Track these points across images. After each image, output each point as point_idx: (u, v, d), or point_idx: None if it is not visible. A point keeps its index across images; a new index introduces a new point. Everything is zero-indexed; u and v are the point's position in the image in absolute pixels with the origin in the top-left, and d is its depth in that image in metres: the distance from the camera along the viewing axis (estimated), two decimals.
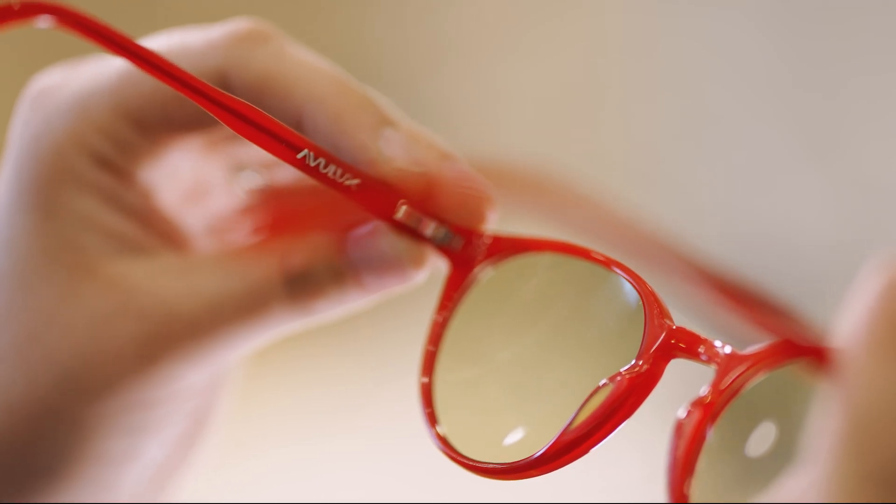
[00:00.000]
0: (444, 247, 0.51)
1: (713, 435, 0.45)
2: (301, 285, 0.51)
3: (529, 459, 0.48)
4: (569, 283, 0.51)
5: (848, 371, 0.40)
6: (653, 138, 1.51)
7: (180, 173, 0.54)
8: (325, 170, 0.49)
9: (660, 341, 0.48)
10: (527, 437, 0.49)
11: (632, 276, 0.49)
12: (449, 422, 0.50)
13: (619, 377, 0.47)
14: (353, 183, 0.50)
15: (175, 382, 0.52)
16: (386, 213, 0.50)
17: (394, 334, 1.30)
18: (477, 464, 0.49)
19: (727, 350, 0.46)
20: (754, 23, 1.47)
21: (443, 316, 0.51)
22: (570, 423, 0.48)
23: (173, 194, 0.54)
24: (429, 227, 0.51)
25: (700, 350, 0.47)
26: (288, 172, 0.54)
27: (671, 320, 0.48)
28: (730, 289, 0.46)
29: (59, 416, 0.51)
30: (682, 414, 0.45)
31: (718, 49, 1.48)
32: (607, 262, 0.49)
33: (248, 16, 0.53)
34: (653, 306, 0.48)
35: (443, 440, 0.49)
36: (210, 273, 0.51)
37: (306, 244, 0.52)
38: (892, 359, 0.39)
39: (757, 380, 0.45)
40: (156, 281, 0.51)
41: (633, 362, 0.48)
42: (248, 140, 0.49)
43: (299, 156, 0.49)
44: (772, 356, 0.45)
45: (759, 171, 1.46)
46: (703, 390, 0.45)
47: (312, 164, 0.49)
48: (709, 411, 0.45)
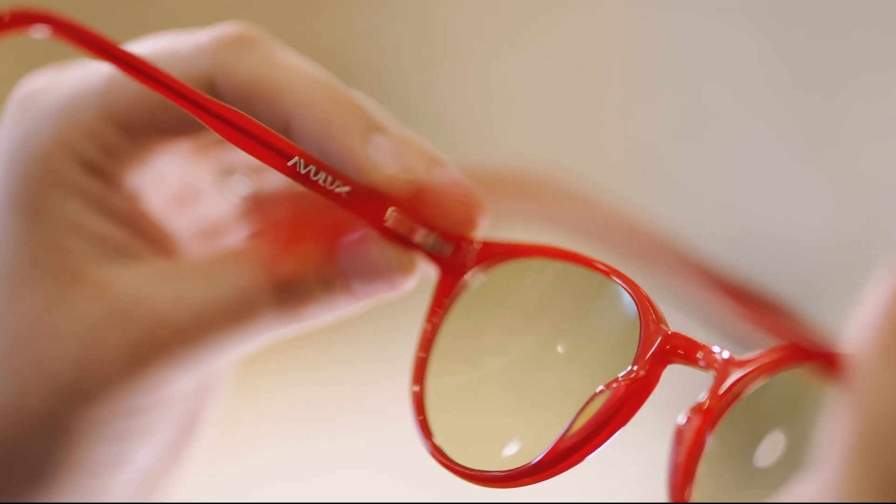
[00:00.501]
0: (433, 253, 0.50)
1: (722, 441, 0.45)
2: (290, 292, 0.51)
3: (525, 467, 0.48)
4: (561, 289, 0.50)
5: (858, 376, 0.39)
6: (651, 138, 1.51)
7: (168, 178, 0.54)
8: (315, 177, 0.49)
9: (656, 347, 0.47)
10: (522, 444, 0.49)
11: (626, 280, 0.49)
12: (442, 429, 0.50)
13: (616, 384, 0.47)
14: (343, 190, 0.50)
15: (163, 389, 0.52)
16: (375, 219, 0.50)
17: (388, 335, 1.29)
18: (472, 472, 0.49)
19: (725, 355, 0.46)
20: (753, 22, 1.47)
21: (433, 323, 0.50)
22: (566, 431, 0.47)
23: (161, 199, 0.54)
24: (418, 233, 0.50)
25: (698, 356, 0.47)
26: (277, 177, 0.53)
27: (667, 325, 0.48)
28: (733, 290, 0.46)
29: (46, 423, 0.51)
30: (681, 420, 0.45)
31: (718, 48, 1.48)
32: (600, 267, 0.49)
33: (238, 17, 0.53)
34: (647, 311, 0.48)
35: (436, 448, 0.49)
36: (198, 279, 0.51)
37: (295, 250, 0.51)
38: None
39: (756, 385, 0.45)
40: (144, 287, 0.51)
41: (630, 368, 0.47)
42: (239, 148, 0.49)
43: (290, 163, 0.49)
44: (771, 361, 0.45)
45: (758, 171, 1.46)
46: (701, 396, 0.45)
47: (303, 171, 0.49)
48: (708, 417, 0.45)
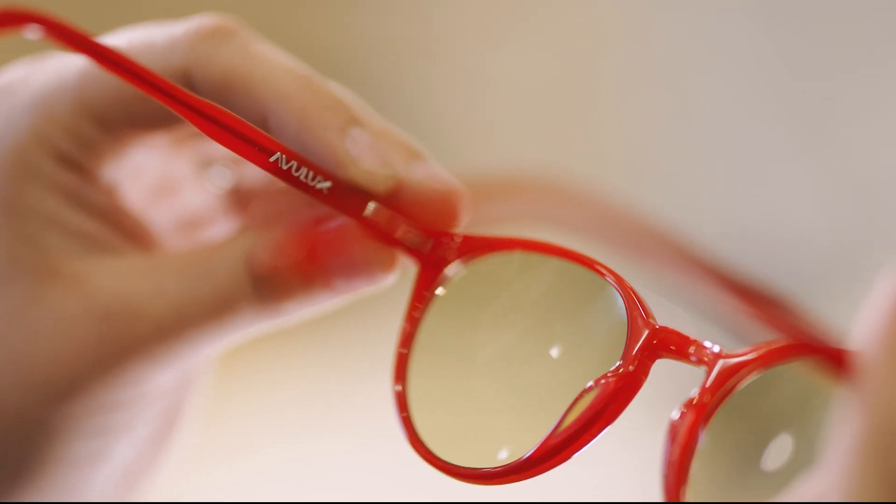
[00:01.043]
0: (413, 248, 0.50)
1: (726, 440, 0.45)
2: (269, 286, 0.51)
3: (515, 464, 0.48)
4: (545, 283, 0.50)
5: (865, 377, 0.39)
6: (646, 134, 1.51)
7: (146, 170, 0.54)
8: (296, 173, 0.49)
9: (643, 341, 0.47)
10: (510, 441, 0.49)
11: (612, 275, 0.48)
12: (427, 427, 0.49)
13: (605, 380, 0.47)
14: (324, 186, 0.49)
15: (142, 384, 0.51)
16: (355, 214, 0.50)
17: (378, 333, 1.29)
18: (460, 469, 0.48)
19: (716, 349, 0.46)
20: (749, 18, 1.47)
21: (413, 318, 0.50)
22: (556, 427, 0.47)
23: (139, 192, 0.54)
24: (398, 228, 0.50)
25: (690, 350, 0.46)
26: (258, 169, 0.53)
27: (654, 319, 0.47)
28: (732, 284, 0.46)
29: (23, 419, 0.50)
30: (675, 415, 0.45)
31: (713, 45, 1.48)
32: (585, 261, 0.49)
33: (227, 10, 0.52)
34: (634, 305, 0.48)
35: (421, 446, 0.49)
36: (176, 273, 0.51)
37: (274, 244, 0.51)
38: None
39: (750, 379, 0.45)
40: (121, 281, 0.51)
41: (618, 364, 0.47)
42: (222, 144, 0.49)
43: (272, 159, 0.49)
44: (764, 356, 0.45)
45: (753, 166, 1.46)
46: (694, 391, 0.45)
47: (284, 167, 0.49)
48: (700, 413, 0.44)
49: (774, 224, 1.44)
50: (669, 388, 0.49)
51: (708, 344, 0.46)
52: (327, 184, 0.49)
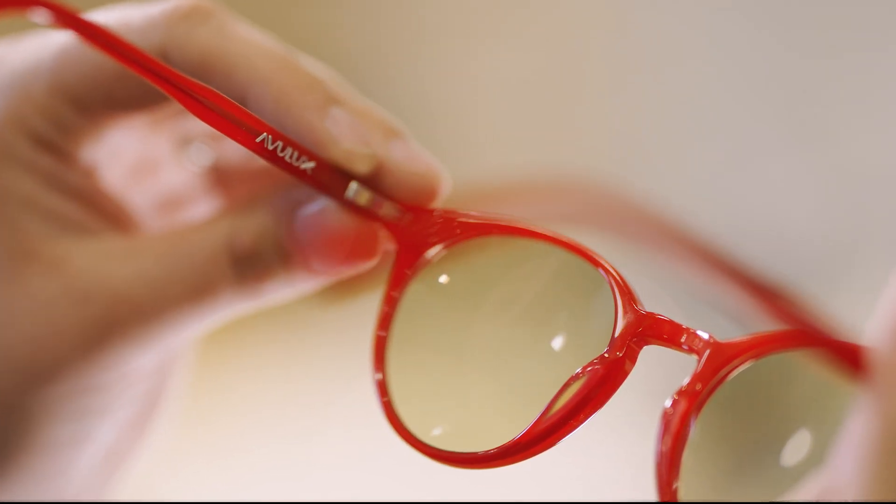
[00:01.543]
0: (392, 226, 0.50)
1: (732, 437, 0.45)
2: (249, 267, 0.51)
3: (502, 447, 0.47)
4: (530, 266, 0.50)
5: (879, 375, 0.39)
6: (637, 128, 1.51)
7: (124, 151, 0.53)
8: (282, 153, 0.49)
9: (631, 328, 0.47)
10: (495, 426, 0.48)
11: (599, 260, 0.48)
12: (410, 412, 0.49)
13: (592, 366, 0.47)
14: (308, 167, 0.49)
15: (122, 366, 0.51)
16: (337, 194, 0.50)
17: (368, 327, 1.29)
18: (444, 453, 0.48)
19: (705, 336, 0.46)
20: (742, 11, 1.46)
21: (392, 297, 0.50)
22: (544, 412, 0.47)
23: (118, 173, 0.53)
24: (378, 207, 0.50)
25: (679, 338, 0.46)
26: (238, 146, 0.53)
27: (642, 306, 0.47)
28: (738, 275, 0.45)
29: (3, 402, 0.50)
30: (668, 404, 0.45)
31: (705, 38, 1.48)
32: (572, 246, 0.49)
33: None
34: (622, 292, 0.47)
35: (404, 430, 0.49)
36: (156, 255, 0.51)
37: (254, 224, 0.51)
38: None
39: (742, 368, 0.45)
40: (100, 263, 0.50)
41: (605, 351, 0.47)
42: (210, 125, 0.49)
43: (258, 140, 0.49)
44: (757, 344, 0.44)
45: (748, 160, 1.46)
46: (685, 380, 0.45)
47: (270, 147, 0.49)
48: (693, 401, 0.44)
49: (770, 219, 1.44)
50: (670, 379, 0.49)
51: (700, 332, 0.46)
52: (311, 164, 0.49)
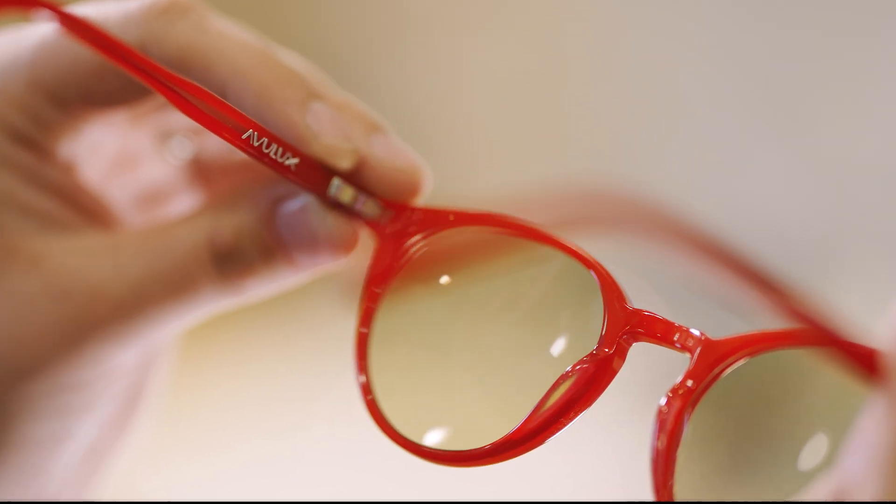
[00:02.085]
0: (373, 222, 0.50)
1: (739, 435, 0.44)
2: (230, 263, 0.51)
3: (491, 446, 0.47)
4: (514, 262, 0.50)
5: (893, 379, 0.39)
6: (619, 122, 1.51)
7: (104, 146, 0.53)
8: (267, 149, 0.49)
9: (619, 325, 0.47)
10: (484, 425, 0.48)
11: (585, 257, 0.48)
12: (395, 409, 0.49)
13: (581, 364, 0.47)
14: (292, 163, 0.49)
15: (102, 363, 0.51)
16: (319, 189, 0.50)
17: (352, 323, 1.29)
18: (430, 451, 0.48)
19: (696, 333, 0.45)
20: (732, 5, 1.47)
21: (373, 293, 0.50)
22: (536, 409, 0.47)
23: (97, 168, 0.53)
24: (358, 202, 0.50)
25: (671, 336, 0.46)
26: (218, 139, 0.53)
27: (630, 302, 0.47)
28: (744, 270, 0.45)
29: None
30: (662, 402, 0.45)
31: (685, 31, 1.48)
32: (558, 244, 0.48)
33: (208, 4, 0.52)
34: (610, 288, 0.47)
35: (390, 429, 0.49)
36: (136, 251, 0.50)
37: (235, 220, 0.51)
38: None
39: (736, 365, 0.44)
40: (79, 260, 0.50)
41: (594, 348, 0.47)
42: (196, 122, 0.48)
43: (244, 136, 0.49)
44: (750, 342, 0.44)
45: (730, 154, 1.46)
46: (679, 378, 0.45)
47: (256, 143, 0.49)
48: (686, 400, 0.44)
49: (758, 212, 1.44)
50: (666, 378, 0.49)
51: (692, 330, 0.46)
52: (295, 160, 0.49)
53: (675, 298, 0.50)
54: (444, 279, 0.50)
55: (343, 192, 0.50)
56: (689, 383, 0.44)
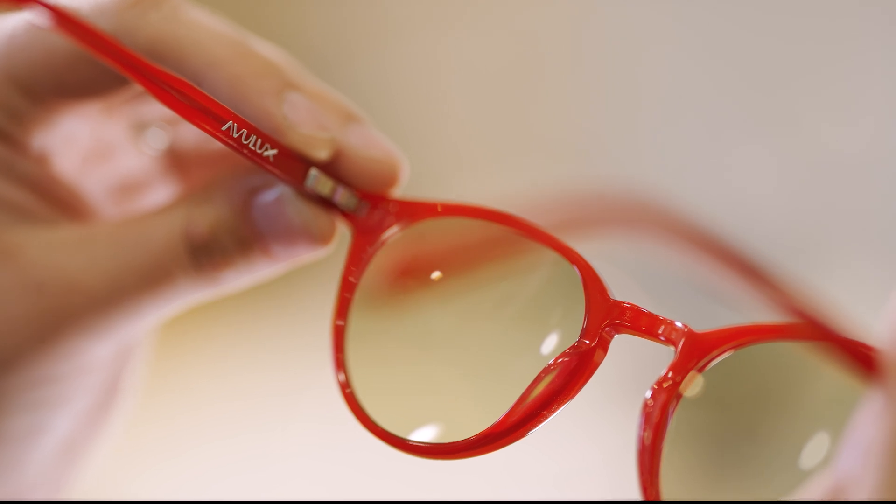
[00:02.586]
0: (348, 213, 0.50)
1: (740, 433, 0.44)
2: (206, 255, 0.50)
3: (472, 439, 0.47)
4: (495, 254, 0.49)
5: (892, 377, 0.39)
6: (599, 113, 1.51)
7: (78, 137, 0.53)
8: (246, 141, 0.49)
9: (600, 317, 0.46)
10: (465, 419, 0.48)
11: (566, 249, 0.48)
12: (375, 405, 0.49)
13: (563, 357, 0.46)
14: (271, 154, 0.49)
15: (78, 357, 0.51)
16: (297, 180, 0.49)
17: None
18: (410, 444, 0.48)
19: (678, 325, 0.45)
20: None
21: (349, 283, 0.49)
22: (517, 404, 0.47)
23: (71, 160, 0.53)
24: (335, 192, 0.50)
25: (655, 329, 0.46)
26: (194, 129, 0.52)
27: (611, 294, 0.47)
28: (739, 263, 0.45)
29: None
30: (648, 395, 0.44)
31: (667, 23, 1.48)
32: (534, 232, 0.48)
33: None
34: (590, 280, 0.47)
35: (369, 422, 0.48)
36: (111, 243, 0.50)
37: (210, 212, 0.51)
38: None
39: (721, 358, 0.44)
40: (54, 253, 0.50)
41: (576, 340, 0.47)
42: (177, 113, 0.48)
43: (224, 128, 0.48)
44: (734, 335, 0.44)
45: (710, 145, 1.46)
46: (663, 372, 0.44)
47: (235, 135, 0.48)
48: (671, 393, 0.44)
49: (735, 208, 1.44)
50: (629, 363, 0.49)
51: (677, 322, 0.46)
52: (273, 151, 0.49)
53: (665, 292, 0.50)
54: (427, 273, 0.50)
55: (320, 182, 0.49)
56: (671, 375, 0.44)
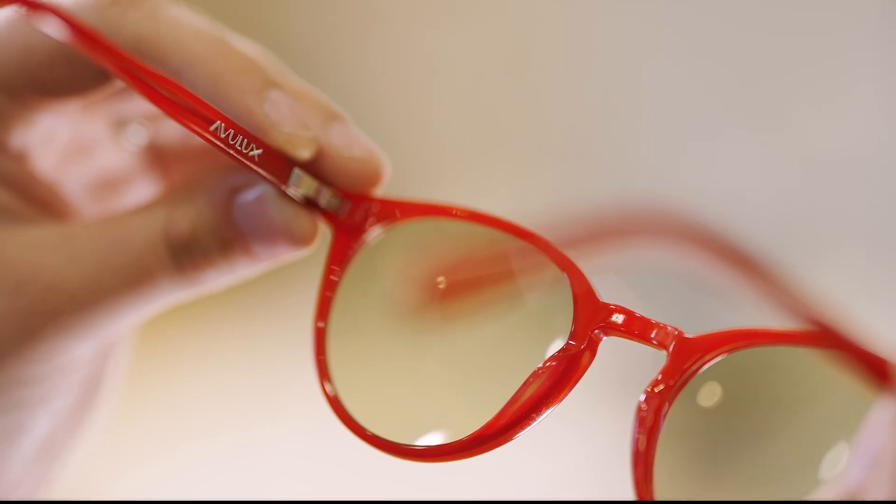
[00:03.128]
0: (330, 212, 0.50)
1: (742, 432, 0.44)
2: (187, 255, 0.50)
3: (461, 441, 0.47)
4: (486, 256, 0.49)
5: None
6: (588, 113, 1.51)
7: (57, 135, 0.52)
8: (233, 141, 0.48)
9: (588, 320, 0.46)
10: (450, 422, 0.48)
11: (553, 251, 0.47)
12: (362, 407, 0.49)
13: (551, 361, 0.46)
14: (256, 153, 0.49)
15: (58, 357, 0.50)
16: (279, 179, 0.49)
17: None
18: (394, 445, 0.48)
19: (669, 328, 0.45)
20: None
21: (330, 282, 0.49)
22: (506, 407, 0.47)
23: (51, 158, 0.52)
24: (317, 192, 0.50)
25: (647, 332, 0.46)
26: (174, 125, 0.52)
27: (599, 297, 0.47)
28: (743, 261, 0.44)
29: None
30: (642, 399, 0.44)
31: (656, 19, 1.48)
32: (520, 233, 0.48)
33: None
34: (578, 283, 0.47)
35: (354, 424, 0.48)
36: (91, 243, 0.50)
37: (191, 212, 0.50)
38: None
39: (714, 362, 0.44)
40: (33, 252, 0.50)
41: (565, 343, 0.46)
42: (166, 114, 0.48)
43: (212, 128, 0.48)
44: (725, 339, 0.44)
45: (700, 142, 1.46)
46: (655, 375, 0.45)
47: (223, 135, 0.48)
48: (663, 397, 0.44)
49: (719, 202, 1.44)
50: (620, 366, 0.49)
51: (669, 326, 0.45)
52: (258, 151, 0.49)
53: (659, 295, 0.49)
54: (418, 276, 0.50)
55: (303, 182, 0.49)
56: (661, 378, 0.44)
